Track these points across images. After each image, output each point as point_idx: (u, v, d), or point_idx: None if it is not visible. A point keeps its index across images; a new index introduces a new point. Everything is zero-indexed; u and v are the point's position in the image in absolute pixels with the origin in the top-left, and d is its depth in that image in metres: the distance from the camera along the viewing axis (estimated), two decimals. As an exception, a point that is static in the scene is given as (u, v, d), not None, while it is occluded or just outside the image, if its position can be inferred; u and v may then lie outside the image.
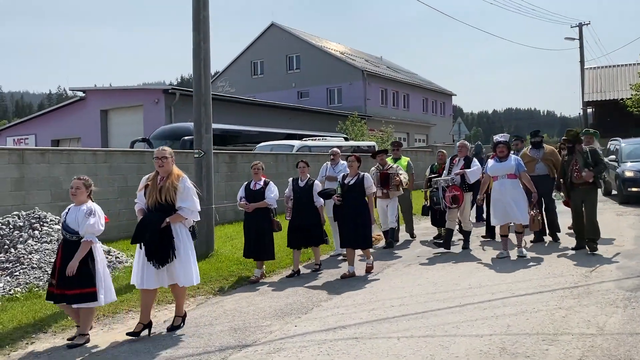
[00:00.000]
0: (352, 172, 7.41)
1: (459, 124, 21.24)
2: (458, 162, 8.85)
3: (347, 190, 7.29)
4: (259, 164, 7.50)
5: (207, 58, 8.56)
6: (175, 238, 5.11)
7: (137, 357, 4.63)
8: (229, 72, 43.88)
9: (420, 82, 48.55)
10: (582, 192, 7.95)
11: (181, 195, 5.15)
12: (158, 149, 5.29)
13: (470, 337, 4.64)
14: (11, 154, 9.48)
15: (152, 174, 5.32)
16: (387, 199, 8.98)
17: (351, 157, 7.46)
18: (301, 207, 7.56)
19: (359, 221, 7.14)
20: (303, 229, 7.48)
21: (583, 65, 34.43)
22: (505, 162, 8.00)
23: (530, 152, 9.22)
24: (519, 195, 7.93)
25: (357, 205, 7.20)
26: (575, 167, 7.95)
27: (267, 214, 7.32)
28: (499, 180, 7.98)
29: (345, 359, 4.29)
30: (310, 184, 7.67)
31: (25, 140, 29.69)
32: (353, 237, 7.18)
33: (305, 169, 7.77)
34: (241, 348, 4.69)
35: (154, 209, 5.13)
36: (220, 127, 21.20)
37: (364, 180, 7.30)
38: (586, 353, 4.17)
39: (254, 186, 7.39)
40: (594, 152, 8.06)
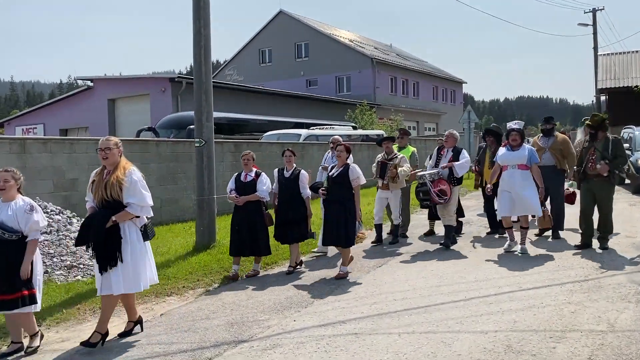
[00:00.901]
0: (339, 162, 6.81)
1: (469, 112, 20.89)
2: (446, 154, 8.24)
3: (331, 182, 6.75)
4: (250, 153, 7.00)
5: (208, 45, 8.36)
6: (122, 239, 4.60)
7: (130, 351, 4.50)
8: (236, 60, 43.63)
9: (430, 69, 48.01)
10: (595, 185, 7.35)
11: (128, 190, 4.59)
12: (102, 138, 4.76)
13: (474, 333, 4.46)
14: (12, 143, 9.39)
15: (100, 168, 4.81)
16: (387, 190, 8.42)
17: (340, 146, 6.83)
18: (286, 199, 7.01)
19: (342, 217, 6.54)
20: (287, 223, 6.97)
21: (596, 51, 33.76)
22: (517, 151, 7.47)
23: (541, 140, 8.59)
24: (530, 187, 7.39)
25: (341, 199, 6.60)
26: (592, 157, 7.32)
27: (259, 207, 6.88)
28: (509, 171, 7.49)
29: (343, 356, 4.13)
30: (296, 174, 7.08)
31: (34, 129, 29.74)
32: (334, 235, 6.60)
33: (292, 158, 7.16)
34: (237, 344, 4.54)
35: (102, 206, 4.62)
36: (228, 116, 21.10)
37: (350, 171, 6.65)
38: (595, 351, 3.98)
39: (244, 178, 6.93)
40: (616, 142, 7.35)
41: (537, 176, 7.46)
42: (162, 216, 11.51)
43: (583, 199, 7.53)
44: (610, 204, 7.40)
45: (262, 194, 6.81)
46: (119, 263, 4.55)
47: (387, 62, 40.12)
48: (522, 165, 7.41)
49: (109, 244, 4.54)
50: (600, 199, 7.36)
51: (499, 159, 7.65)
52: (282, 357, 4.18)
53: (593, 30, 34.64)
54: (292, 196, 6.98)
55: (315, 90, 38.36)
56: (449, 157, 8.12)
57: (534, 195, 7.39)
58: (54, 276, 6.70)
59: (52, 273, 6.75)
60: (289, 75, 40.05)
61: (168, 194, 11.78)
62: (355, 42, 41.94)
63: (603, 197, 7.35)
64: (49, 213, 8.20)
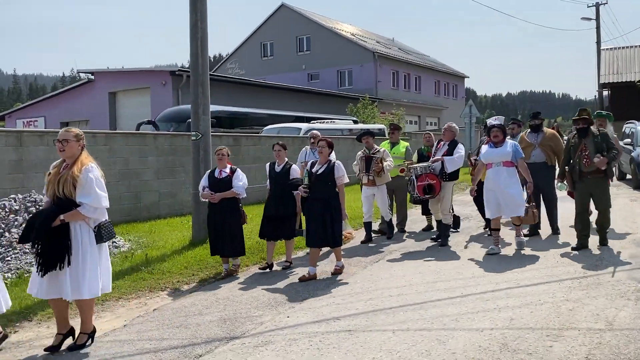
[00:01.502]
0: (322, 159, 6.44)
1: (470, 107, 20.78)
2: (442, 147, 7.89)
3: (314, 180, 6.38)
4: (224, 149, 6.73)
5: (205, 38, 8.27)
6: (72, 240, 4.20)
7: (121, 347, 4.44)
8: (238, 54, 43.46)
9: (432, 64, 47.78)
10: (591, 183, 6.94)
11: (82, 189, 4.21)
12: (62, 129, 4.41)
13: (469, 331, 4.39)
14: (9, 136, 9.32)
15: (59, 161, 4.44)
16: (373, 186, 8.15)
17: (321, 142, 6.50)
18: (278, 194, 6.78)
19: (327, 216, 6.21)
20: (277, 219, 6.73)
21: (599, 46, 33.56)
22: (500, 148, 7.11)
23: (529, 136, 8.24)
24: (515, 186, 7.08)
25: (326, 198, 6.27)
26: (584, 153, 6.90)
27: (235, 205, 6.60)
28: (494, 168, 7.12)
29: (335, 354, 4.05)
30: (287, 169, 6.86)
31: (35, 122, 29.68)
32: (320, 235, 6.25)
33: (281, 152, 6.93)
34: (228, 340, 4.48)
35: (53, 203, 4.26)
36: (228, 110, 21.01)
37: (335, 169, 6.34)
38: (593, 350, 3.90)
39: (219, 174, 6.65)
40: (606, 135, 7.02)
41: (524, 171, 7.14)
42: (160, 210, 11.45)
43: (579, 199, 7.11)
44: (608, 199, 7.09)
45: (238, 190, 6.54)
46: (66, 266, 4.16)
47: (389, 56, 39.92)
48: (507, 162, 7.08)
49: (55, 245, 4.14)
50: (597, 196, 7.02)
51: (483, 157, 7.31)
52: (274, 354, 4.11)
53: (596, 24, 34.44)
54: (283, 191, 6.75)
55: (317, 84, 38.21)
56: (443, 151, 7.78)
57: (518, 194, 7.11)
58: (48, 270, 6.62)
59: (45, 267, 6.68)
60: (290, 69, 39.89)
61: (166, 188, 11.72)
62: (357, 35, 41.73)
63: (600, 193, 7.01)
64: (44, 206, 8.12)
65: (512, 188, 7.04)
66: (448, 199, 7.83)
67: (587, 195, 7.05)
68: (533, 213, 7.39)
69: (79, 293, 4.25)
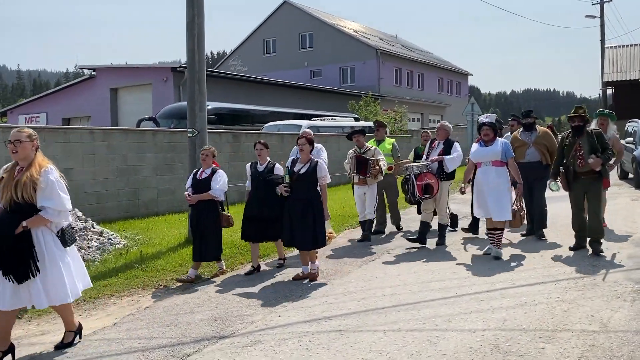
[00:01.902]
0: (303, 157, 6.16)
1: (472, 104, 20.61)
2: (437, 146, 7.66)
3: (296, 179, 6.11)
4: (210, 149, 6.51)
5: (201, 34, 8.21)
6: (36, 247, 4.00)
7: (109, 346, 4.40)
8: (241, 50, 43.39)
9: (435, 61, 47.61)
10: (585, 183, 6.71)
11: (43, 192, 4.00)
12: (14, 130, 4.18)
13: (461, 332, 4.33)
14: (5, 132, 9.28)
15: (11, 164, 4.18)
16: (365, 185, 8.05)
17: (301, 139, 6.19)
18: (260, 194, 6.45)
19: (309, 218, 5.98)
20: (260, 220, 6.40)
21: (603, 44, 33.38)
22: (490, 146, 6.84)
23: (521, 135, 7.98)
24: (503, 187, 6.76)
25: (307, 198, 6.02)
26: (579, 153, 6.68)
27: (212, 207, 6.32)
28: (483, 168, 6.87)
29: (324, 354, 4.00)
30: (270, 168, 6.57)
31: (37, 118, 29.70)
32: (301, 237, 6.01)
33: (263, 151, 6.62)
34: (218, 339, 4.43)
35: (10, 208, 4.00)
36: (229, 106, 20.97)
37: (317, 168, 6.09)
38: (585, 353, 3.84)
39: (200, 175, 6.43)
40: (601, 135, 6.80)
41: (514, 171, 6.89)
42: (158, 207, 11.42)
43: (574, 200, 6.89)
44: (600, 202, 6.85)
45: (215, 193, 6.26)
46: (39, 272, 3.99)
47: (391, 53, 39.77)
48: (496, 162, 6.79)
49: (19, 253, 3.91)
50: (590, 197, 6.76)
51: (472, 156, 7.04)
52: (262, 354, 4.07)
53: (600, 22, 34.26)
54: (267, 192, 6.37)
55: (319, 81, 38.12)
56: (439, 150, 7.58)
57: (505, 196, 6.77)
58: (41, 267, 6.59)
59: (39, 264, 6.65)
60: (293, 65, 39.78)
61: (164, 184, 11.68)
62: (360, 32, 41.60)
63: (594, 193, 6.74)
64: (40, 203, 8.09)
65: (500, 189, 6.76)
66: (445, 199, 7.69)
67: (582, 196, 6.83)
68: (520, 217, 7.07)
69: (53, 299, 4.10)
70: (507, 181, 6.84)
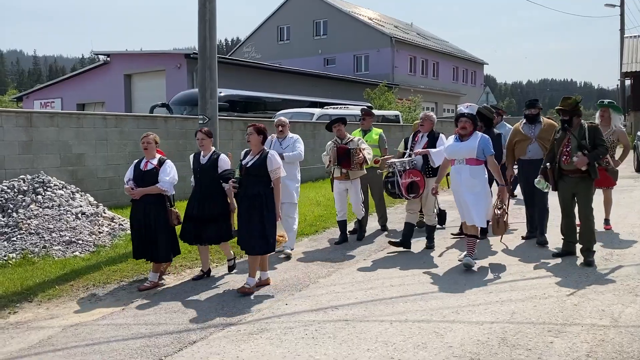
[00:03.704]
0: (253, 149, 5.47)
1: (487, 94, 20.41)
2: (420, 140, 6.87)
3: (244, 173, 5.44)
4: (150, 136, 5.78)
5: (213, 19, 8.15)
6: None
7: (116, 331, 4.43)
8: (255, 37, 43.28)
9: (450, 49, 47.10)
10: (572, 183, 6.01)
11: None
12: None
13: (469, 324, 4.29)
14: (19, 116, 9.34)
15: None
16: (347, 180, 7.20)
17: (249, 128, 5.51)
18: (203, 190, 5.73)
19: (256, 217, 5.28)
20: (200, 220, 5.66)
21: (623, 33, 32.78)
22: (466, 141, 5.90)
23: (524, 128, 7.05)
24: (478, 189, 5.87)
25: (256, 195, 5.31)
26: (565, 149, 5.99)
27: (161, 202, 5.67)
28: (456, 166, 5.99)
29: (330, 343, 3.99)
30: (214, 159, 5.76)
31: (52, 103, 29.96)
32: (247, 239, 5.32)
33: (205, 140, 5.81)
34: (224, 327, 4.44)
35: None
36: (242, 94, 20.94)
37: (268, 160, 5.36)
38: (595, 348, 3.78)
39: (144, 166, 5.71)
40: (595, 130, 5.99)
41: (494, 171, 5.98)
42: (169, 193, 11.45)
43: (561, 201, 6.19)
44: (591, 203, 6.03)
45: (164, 185, 5.63)
46: None
47: (406, 41, 39.42)
48: (471, 160, 5.86)
49: None
50: (579, 198, 6.04)
51: (446, 152, 6.16)
52: (268, 342, 4.07)
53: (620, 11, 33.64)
54: (209, 187, 5.72)
55: (333, 69, 37.93)
56: (423, 144, 6.80)
57: (481, 201, 5.89)
58: (52, 251, 6.67)
59: (50, 248, 6.72)
60: (307, 53, 39.59)
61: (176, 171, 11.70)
62: (374, 20, 41.24)
63: (582, 195, 6.00)
64: (52, 188, 8.17)
65: (475, 192, 5.87)
66: (432, 197, 6.80)
67: (570, 197, 6.11)
68: (505, 223, 6.24)
69: None
70: (484, 182, 5.97)
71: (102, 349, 4.06)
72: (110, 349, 4.06)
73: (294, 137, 7.00)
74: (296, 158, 6.87)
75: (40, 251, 6.61)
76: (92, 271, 6.03)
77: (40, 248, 6.68)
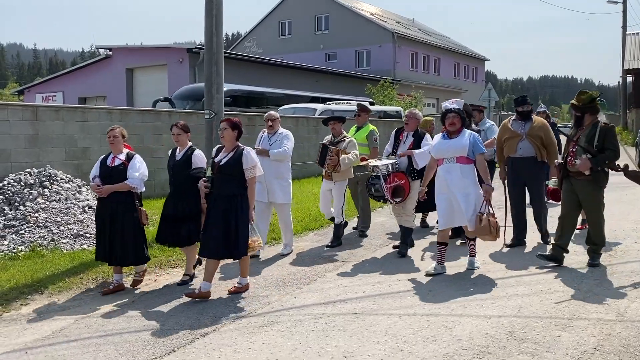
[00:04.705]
0: (227, 145, 5.11)
1: (489, 90, 20.42)
2: (405, 139, 6.51)
3: (217, 172, 5.08)
4: (117, 129, 5.45)
5: (220, 14, 8.17)
6: None
7: (128, 323, 4.49)
8: (256, 32, 43.20)
9: (452, 45, 47.07)
10: (577, 185, 5.58)
11: None
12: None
13: (477, 317, 4.35)
14: (25, 110, 9.37)
15: None
16: (331, 181, 6.83)
17: (223, 123, 5.16)
18: (177, 188, 5.41)
19: (231, 219, 4.90)
20: (176, 220, 5.34)
21: (625, 30, 32.75)
22: (456, 139, 5.56)
23: (513, 125, 6.69)
24: (470, 188, 5.53)
25: (229, 195, 4.94)
26: (572, 149, 5.61)
27: (130, 201, 5.30)
28: (445, 165, 5.57)
29: (340, 336, 4.05)
30: (188, 156, 5.41)
31: (53, 97, 29.94)
32: (220, 243, 4.91)
33: (181, 135, 5.47)
34: (235, 319, 4.49)
35: None
36: (244, 89, 20.98)
37: (243, 158, 5.00)
38: (602, 342, 3.84)
39: (111, 161, 5.37)
40: (607, 131, 5.48)
41: (482, 170, 5.57)
42: (173, 187, 11.49)
43: (564, 201, 5.82)
44: (599, 208, 5.63)
45: (133, 182, 5.27)
46: None
47: (408, 37, 39.38)
48: (461, 158, 5.51)
49: None
50: (584, 203, 5.65)
51: (433, 151, 5.78)
52: (279, 334, 4.12)
53: (623, 7, 33.59)
54: (183, 185, 5.35)
55: (335, 64, 37.90)
56: (408, 144, 6.43)
57: (472, 201, 5.53)
58: (60, 244, 6.72)
59: (58, 241, 6.78)
60: (308, 48, 39.54)
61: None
62: (376, 15, 41.18)
63: (587, 200, 5.61)
64: (59, 181, 8.22)
65: (466, 191, 5.52)
66: (413, 199, 6.36)
67: (573, 198, 5.67)
68: (489, 222, 5.47)
69: None
70: (475, 182, 5.62)
71: (115, 340, 4.11)
72: (123, 340, 4.12)
73: (284, 132, 6.64)
74: (281, 155, 6.48)
75: (49, 244, 6.66)
76: (101, 264, 6.07)
77: (49, 241, 6.73)
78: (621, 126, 32.39)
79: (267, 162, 6.28)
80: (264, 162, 6.09)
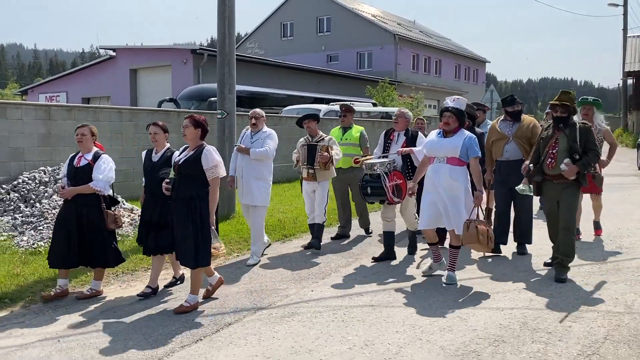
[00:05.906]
0: (190, 144, 4.79)
1: (491, 92, 20.61)
2: (397, 139, 6.27)
3: (177, 172, 4.74)
4: (85, 127, 5.14)
5: (232, 17, 8.35)
6: None
7: (151, 314, 4.63)
8: (258, 33, 43.40)
9: (453, 47, 47.29)
10: (557, 188, 5.30)
11: None
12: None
13: (490, 309, 4.51)
14: (38, 109, 9.53)
15: None
16: (314, 181, 6.69)
17: (185, 120, 4.80)
18: (155, 191, 4.99)
19: (187, 224, 4.59)
20: (156, 225, 5.02)
21: (626, 33, 32.96)
22: (450, 138, 5.27)
23: (500, 125, 6.34)
24: (458, 192, 5.21)
25: (189, 198, 4.62)
26: (551, 151, 5.29)
27: (95, 204, 4.98)
28: (435, 165, 5.31)
29: (360, 326, 4.21)
30: (167, 157, 5.09)
31: (57, 97, 30.08)
32: (181, 248, 4.66)
33: (158, 135, 5.15)
34: (256, 310, 4.65)
35: None
36: (248, 89, 21.13)
37: (203, 157, 4.66)
38: (612, 332, 4.00)
39: (77, 161, 5.06)
40: (587, 131, 5.25)
41: (476, 175, 5.25)
42: (182, 186, 11.63)
43: (546, 207, 5.61)
44: (574, 213, 5.32)
45: (97, 185, 4.94)
46: None
47: (409, 39, 39.60)
48: (453, 159, 5.21)
49: None
50: (561, 205, 5.31)
51: (426, 148, 5.51)
52: (300, 325, 4.28)
53: (623, 10, 33.79)
54: (160, 187, 4.84)
55: (336, 65, 38.09)
56: (401, 143, 6.20)
57: (462, 205, 5.21)
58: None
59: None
60: (310, 49, 39.74)
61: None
62: (378, 17, 41.39)
63: (564, 202, 5.28)
64: (73, 179, 8.36)
65: (455, 193, 5.21)
66: (412, 200, 6.20)
67: (555, 205, 5.41)
68: (477, 229, 5.08)
69: None
70: (465, 187, 5.26)
71: (142, 329, 4.27)
72: (150, 329, 4.27)
73: (267, 131, 6.32)
74: (262, 155, 6.17)
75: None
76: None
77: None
78: (622, 128, 32.64)
79: (246, 161, 6.21)
80: (244, 160, 6.16)
